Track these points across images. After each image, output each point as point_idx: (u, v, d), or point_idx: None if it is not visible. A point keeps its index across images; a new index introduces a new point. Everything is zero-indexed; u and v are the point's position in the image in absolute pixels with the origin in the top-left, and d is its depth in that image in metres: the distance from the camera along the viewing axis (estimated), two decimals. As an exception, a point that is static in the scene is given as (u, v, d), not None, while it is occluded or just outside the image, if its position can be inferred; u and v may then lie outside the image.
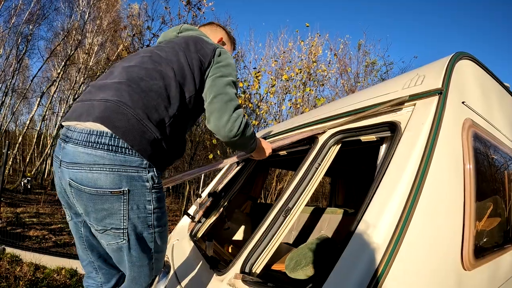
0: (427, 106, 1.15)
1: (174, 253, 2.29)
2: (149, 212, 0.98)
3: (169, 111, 1.02)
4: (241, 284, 1.19)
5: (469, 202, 1.22)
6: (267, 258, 1.32)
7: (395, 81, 1.50)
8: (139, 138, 0.92)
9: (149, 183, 0.96)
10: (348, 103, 1.66)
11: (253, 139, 1.31)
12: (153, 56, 1.11)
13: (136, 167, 0.93)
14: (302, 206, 1.39)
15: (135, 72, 1.03)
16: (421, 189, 0.95)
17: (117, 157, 0.89)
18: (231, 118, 1.12)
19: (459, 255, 1.14)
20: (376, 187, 1.01)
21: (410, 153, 1.02)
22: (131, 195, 0.93)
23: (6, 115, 11.88)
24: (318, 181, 1.43)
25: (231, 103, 1.14)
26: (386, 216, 0.91)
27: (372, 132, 1.32)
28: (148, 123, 0.95)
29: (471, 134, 1.36)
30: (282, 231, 1.34)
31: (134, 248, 1.00)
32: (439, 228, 1.04)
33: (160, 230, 1.05)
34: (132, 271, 1.06)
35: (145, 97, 0.97)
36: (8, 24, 10.75)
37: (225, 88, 1.16)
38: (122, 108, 0.92)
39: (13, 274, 4.12)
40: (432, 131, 1.06)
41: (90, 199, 0.90)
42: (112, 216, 0.93)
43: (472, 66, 1.63)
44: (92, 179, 0.88)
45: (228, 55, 1.27)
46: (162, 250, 1.13)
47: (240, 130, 1.15)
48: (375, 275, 0.81)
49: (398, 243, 0.86)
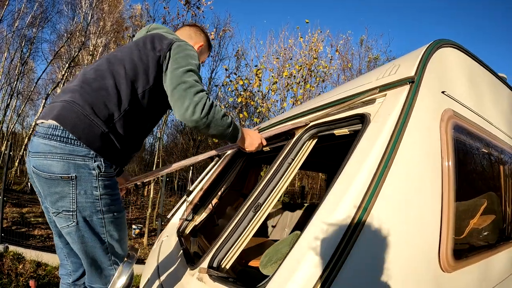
0: (396, 95, 1.09)
1: (161, 249, 2.29)
2: (96, 197, 1.08)
3: (119, 106, 1.12)
4: (207, 278, 1.17)
5: (447, 199, 1.15)
6: (237, 253, 1.29)
7: (373, 73, 1.44)
8: (86, 132, 1.05)
9: (95, 171, 1.07)
10: (328, 96, 1.61)
11: (227, 124, 1.26)
12: (109, 58, 1.22)
13: (83, 156, 1.05)
14: (274, 201, 1.35)
15: (90, 74, 1.16)
16: (381, 185, 0.89)
17: (66, 147, 1.03)
18: (192, 101, 1.13)
19: (435, 256, 1.08)
20: (333, 185, 0.95)
21: (372, 146, 0.96)
22: (79, 181, 1.04)
23: (12, 117, 12.14)
24: (292, 176, 1.39)
25: (191, 89, 1.15)
26: (338, 215, 0.86)
27: (345, 125, 1.27)
28: (95, 118, 1.07)
29: (451, 126, 1.29)
30: (252, 227, 1.30)
31: (85, 231, 1.09)
32: (407, 228, 0.98)
33: (111, 217, 1.13)
34: (86, 256, 1.14)
35: (95, 96, 1.10)
36: (12, 28, 11.00)
37: (183, 77, 1.16)
38: (73, 107, 1.07)
39: (15, 271, 4.20)
40: (399, 122, 1.00)
41: (46, 183, 1.05)
42: (63, 199, 1.05)
43: (458, 55, 1.55)
44: (46, 165, 1.03)
45: (186, 47, 1.26)
46: (118, 238, 1.18)
47: (205, 111, 1.15)
48: (321, 278, 0.76)
49: (350, 243, 0.80)
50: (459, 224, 1.41)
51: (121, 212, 1.19)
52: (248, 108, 8.40)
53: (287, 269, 0.83)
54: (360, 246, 0.83)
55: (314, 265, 0.79)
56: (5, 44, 10.98)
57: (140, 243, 7.11)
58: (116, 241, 1.18)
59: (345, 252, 0.79)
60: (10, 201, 7.97)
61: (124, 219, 1.24)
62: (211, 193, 2.64)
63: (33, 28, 11.81)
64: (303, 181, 12.83)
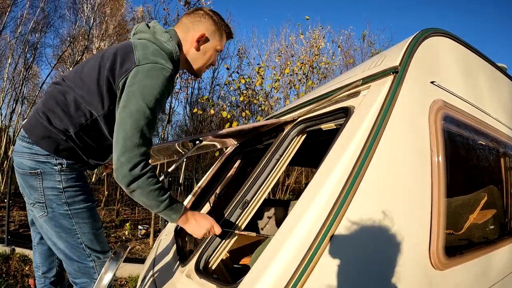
0: (379, 87, 1.06)
1: (159, 247, 2.30)
2: (60, 190, 1.17)
3: (74, 123, 1.17)
4: (195, 275, 1.17)
5: (437, 194, 1.11)
6: (225, 250, 1.28)
7: (361, 65, 1.41)
8: (47, 140, 1.16)
9: (58, 167, 1.17)
10: (317, 91, 1.59)
11: (159, 201, 1.09)
12: (77, 71, 1.23)
13: (45, 155, 1.16)
14: (262, 198, 1.33)
15: (56, 89, 1.21)
16: (360, 179, 0.86)
17: (33, 148, 1.16)
18: (124, 164, 1.01)
19: (426, 254, 1.04)
20: (310, 181, 0.93)
21: (351, 140, 0.93)
22: (44, 175, 1.16)
23: (18, 121, 12.33)
24: (280, 172, 1.37)
25: (132, 152, 1.02)
26: (314, 211, 0.83)
27: (331, 119, 1.24)
28: (53, 128, 1.16)
29: (440, 117, 1.25)
30: (240, 224, 1.29)
31: (54, 222, 1.18)
32: (392, 224, 0.95)
33: (76, 209, 1.19)
34: (59, 250, 1.23)
35: (53, 109, 1.17)
36: (15, 34, 11.16)
37: (128, 132, 1.03)
38: (36, 117, 1.18)
39: (21, 272, 4.28)
40: (381, 114, 0.97)
41: (22, 178, 1.19)
42: (35, 191, 1.17)
43: (450, 44, 1.50)
44: (21, 163, 1.17)
45: (147, 73, 1.08)
46: (88, 230, 1.21)
47: (131, 178, 1.01)
48: (293, 277, 0.73)
49: (326, 238, 0.77)
50: (455, 219, 1.37)
51: (88, 203, 1.23)
52: (251, 107, 8.38)
53: (263, 263, 0.81)
54: (338, 241, 0.80)
55: (287, 260, 0.77)
56: (9, 50, 11.16)
57: (146, 243, 7.17)
58: (88, 233, 1.22)
59: (320, 249, 0.77)
60: (17, 205, 8.11)
61: (94, 211, 1.26)
62: (209, 191, 2.64)
63: (36, 33, 11.96)
64: (309, 178, 12.77)
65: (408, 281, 0.98)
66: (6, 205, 5.17)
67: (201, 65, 1.34)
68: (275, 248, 0.82)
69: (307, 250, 0.77)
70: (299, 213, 0.84)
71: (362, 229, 0.85)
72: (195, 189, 2.82)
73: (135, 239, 7.46)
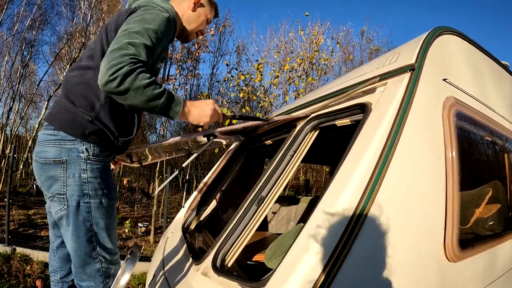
0: (397, 84, 1.08)
1: (167, 245, 2.31)
2: (84, 180, 1.13)
3: (99, 96, 1.15)
4: (212, 273, 1.18)
5: (451, 188, 1.14)
6: (241, 247, 1.29)
7: (373, 62, 1.43)
8: (71, 124, 1.14)
9: (84, 154, 1.13)
10: (329, 87, 1.60)
11: (155, 95, 1.02)
12: (86, 51, 1.27)
13: (71, 141, 1.13)
14: (277, 194, 1.35)
15: (72, 74, 1.21)
16: (384, 174, 0.88)
17: (58, 133, 1.13)
18: (109, 64, 0.95)
19: (441, 246, 1.07)
20: (335, 175, 0.95)
21: (373, 135, 0.95)
22: (69, 164, 1.12)
23: (15, 120, 12.22)
24: (295, 169, 1.39)
25: (116, 52, 0.98)
26: (341, 205, 0.85)
27: (346, 115, 1.26)
28: (77, 110, 1.14)
29: (453, 113, 1.28)
30: (255, 220, 1.31)
31: (73, 216, 1.13)
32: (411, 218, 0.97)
33: (97, 203, 1.15)
34: (72, 245, 1.16)
35: (75, 90, 1.16)
36: (12, 31, 11.02)
37: (119, 38, 1.02)
38: (59, 104, 1.18)
39: (23, 272, 4.26)
40: (401, 110, 0.99)
41: (42, 168, 1.14)
42: (56, 182, 1.12)
43: (459, 42, 1.53)
44: (43, 152, 1.14)
45: (146, 10, 1.13)
46: (104, 227, 1.18)
47: (118, 77, 0.94)
48: (324, 269, 0.75)
49: (353, 234, 0.80)
50: (464, 213, 1.40)
51: (110, 199, 1.19)
52: (250, 103, 8.38)
53: (290, 262, 0.83)
54: (363, 236, 0.82)
55: (317, 257, 0.79)
56: (6, 48, 11.04)
57: (147, 241, 7.17)
58: (102, 229, 1.17)
59: (349, 243, 0.79)
60: (16, 204, 8.05)
61: (113, 209, 1.23)
62: (215, 188, 2.65)
63: (33, 30, 11.84)
64: (308, 174, 12.82)
65: (425, 273, 1.01)
66: (6, 204, 5.13)
67: (194, 27, 1.41)
68: (303, 246, 0.83)
69: (335, 245, 0.79)
70: (327, 208, 0.86)
71: (385, 224, 0.87)
72: (200, 185, 2.83)
73: (135, 236, 7.45)
